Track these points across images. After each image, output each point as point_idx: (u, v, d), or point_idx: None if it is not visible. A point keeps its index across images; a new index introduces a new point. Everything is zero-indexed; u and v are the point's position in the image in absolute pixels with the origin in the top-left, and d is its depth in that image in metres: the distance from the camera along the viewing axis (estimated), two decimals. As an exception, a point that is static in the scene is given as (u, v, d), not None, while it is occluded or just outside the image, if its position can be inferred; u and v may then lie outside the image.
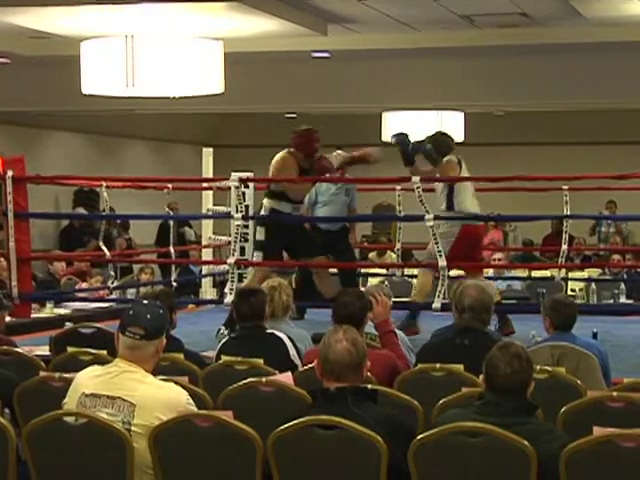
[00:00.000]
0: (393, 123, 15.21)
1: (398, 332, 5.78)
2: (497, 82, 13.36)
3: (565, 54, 12.69)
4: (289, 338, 5.57)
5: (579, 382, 4.89)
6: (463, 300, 5.33)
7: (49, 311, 8.90)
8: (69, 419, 4.07)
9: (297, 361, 5.47)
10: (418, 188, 7.69)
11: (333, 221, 9.00)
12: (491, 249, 14.48)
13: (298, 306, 8.12)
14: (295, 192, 8.12)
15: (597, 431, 3.70)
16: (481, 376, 3.99)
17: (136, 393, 4.02)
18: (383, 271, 10.86)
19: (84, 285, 10.75)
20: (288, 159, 8.15)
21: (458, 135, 15.37)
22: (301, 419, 3.87)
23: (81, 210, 16.03)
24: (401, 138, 8.33)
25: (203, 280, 10.93)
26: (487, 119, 17.53)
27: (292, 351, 5.50)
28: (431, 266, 7.89)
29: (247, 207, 8.70)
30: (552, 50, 12.59)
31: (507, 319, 7.78)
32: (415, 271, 11.38)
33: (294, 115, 18.06)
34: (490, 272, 11.05)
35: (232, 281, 7.98)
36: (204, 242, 10.96)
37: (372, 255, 14.09)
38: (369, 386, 4.13)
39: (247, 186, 8.95)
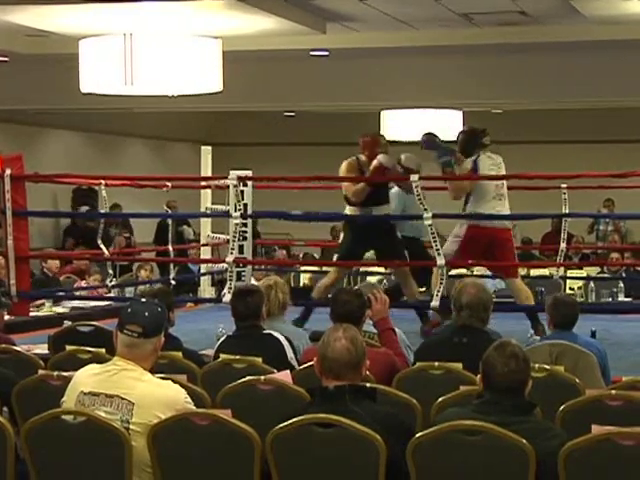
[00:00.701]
0: (392, 121, 15.21)
1: (397, 330, 5.78)
2: (496, 80, 13.36)
3: (564, 52, 12.69)
4: (286, 339, 5.57)
5: (578, 380, 4.89)
6: (461, 298, 5.33)
7: (48, 309, 8.90)
8: (67, 417, 4.07)
9: (294, 362, 5.46)
10: (417, 187, 7.68)
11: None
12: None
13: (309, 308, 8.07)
14: (352, 195, 8.05)
15: (596, 429, 3.70)
16: (478, 376, 3.99)
17: (134, 391, 4.02)
18: (382, 269, 10.85)
19: (83, 284, 10.75)
20: (350, 164, 8.13)
21: (456, 133, 15.38)
22: (299, 417, 3.87)
23: (84, 209, 16.03)
24: (430, 142, 8.12)
25: (202, 278, 10.92)
26: (485, 117, 17.44)
27: (289, 353, 5.50)
28: (431, 264, 7.89)
29: (245, 205, 8.70)
30: (551, 48, 12.58)
31: (539, 321, 7.66)
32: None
33: (293, 113, 18.06)
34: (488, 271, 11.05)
35: (231, 279, 7.97)
36: (203, 241, 10.94)
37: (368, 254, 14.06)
38: (368, 384, 4.13)
39: (245, 184, 8.95)
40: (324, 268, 10.64)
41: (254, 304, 5.66)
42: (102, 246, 9.71)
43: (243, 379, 4.78)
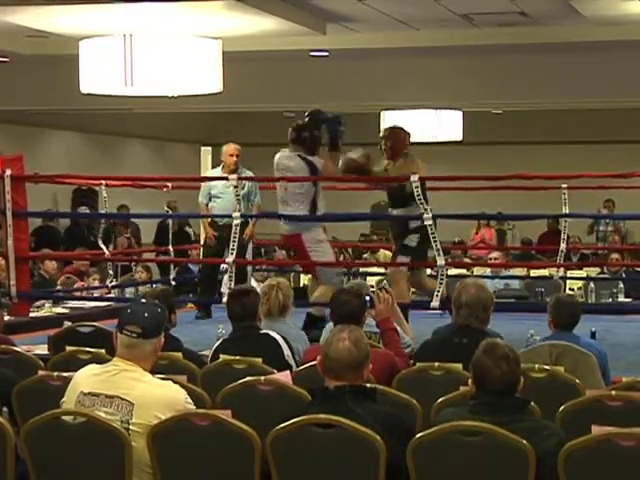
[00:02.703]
0: (392, 122, 15.20)
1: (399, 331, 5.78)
2: (496, 81, 13.37)
3: (564, 53, 12.70)
4: (283, 338, 5.56)
5: (578, 381, 4.88)
6: (461, 297, 5.33)
7: (48, 310, 8.89)
8: (67, 418, 4.07)
9: (292, 361, 5.47)
10: (417, 187, 7.66)
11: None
12: (484, 248, 14.52)
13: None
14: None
15: (596, 430, 3.70)
16: (469, 379, 3.99)
17: (134, 392, 4.02)
18: (382, 270, 10.84)
19: (82, 284, 10.73)
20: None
21: (456, 134, 15.40)
22: (299, 418, 3.87)
23: (84, 209, 16.03)
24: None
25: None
26: (485, 118, 17.52)
27: (287, 351, 5.50)
28: (430, 265, 7.89)
29: (246, 206, 8.68)
30: (551, 49, 12.59)
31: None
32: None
33: (293, 114, 18.04)
34: (487, 271, 11.05)
35: (230, 280, 7.96)
36: (202, 241, 10.93)
37: (366, 255, 14.10)
38: (368, 385, 4.13)
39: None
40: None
41: (250, 304, 5.65)
42: (103, 246, 9.70)
43: (243, 379, 4.77)
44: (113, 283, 9.86)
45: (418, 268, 7.98)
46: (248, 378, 4.78)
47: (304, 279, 12.19)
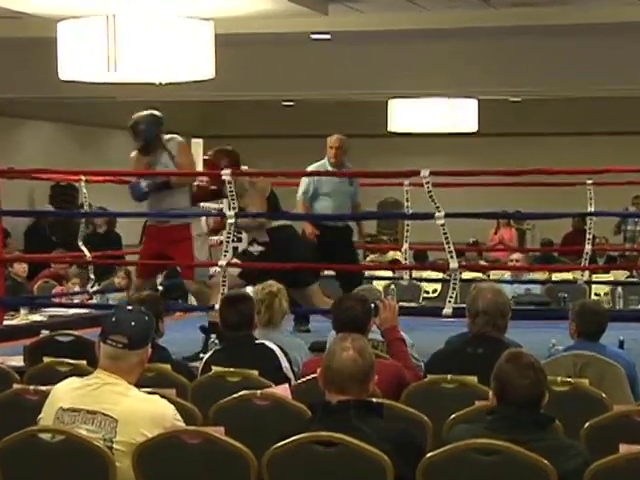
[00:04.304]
0: (400, 111, 15.24)
1: (407, 339, 5.78)
2: (513, 66, 13.37)
3: (588, 36, 12.69)
4: (280, 349, 5.57)
5: (604, 395, 4.89)
6: (477, 303, 5.33)
7: (23, 318, 8.90)
8: (45, 436, 4.07)
9: (290, 374, 5.47)
10: (428, 183, 7.68)
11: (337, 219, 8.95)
12: (501, 249, 14.53)
13: None
14: None
15: (624, 448, 3.70)
16: (490, 391, 3.99)
17: (118, 407, 4.02)
18: (389, 274, 10.86)
19: (61, 289, 10.74)
20: None
21: (471, 124, 15.41)
22: (299, 435, 3.87)
23: (49, 208, 16.10)
24: None
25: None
26: (502, 106, 17.53)
27: (284, 363, 5.51)
28: (441, 267, 7.91)
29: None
30: (574, 31, 12.58)
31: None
32: (425, 274, 11.45)
33: (292, 103, 18.08)
34: (507, 275, 11.06)
35: (224, 285, 7.97)
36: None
37: (373, 257, 14.11)
38: (374, 399, 4.13)
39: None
40: (326, 272, 10.62)
41: (247, 312, 5.66)
42: (84, 248, 9.71)
43: (237, 393, 4.78)
44: (95, 288, 9.86)
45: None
46: (243, 392, 4.79)
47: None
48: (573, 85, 13.81)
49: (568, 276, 11.30)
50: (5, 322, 8.68)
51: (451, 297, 7.67)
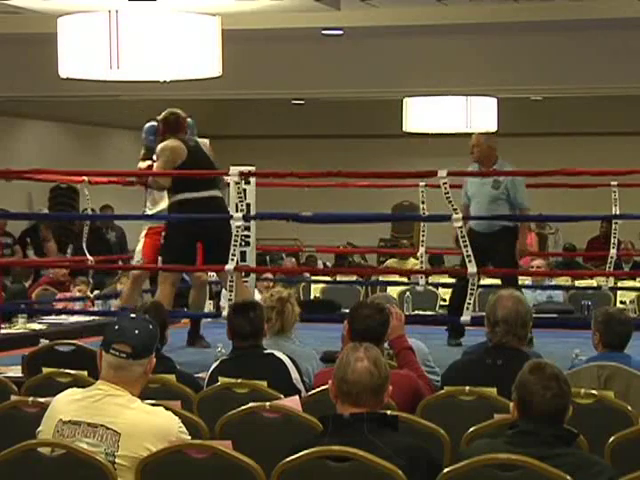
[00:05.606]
0: (416, 110, 15.21)
1: (418, 345, 5.77)
2: (535, 63, 13.34)
3: (615, 31, 12.64)
4: (291, 359, 5.57)
5: (630, 408, 4.88)
6: (496, 311, 5.32)
7: (21, 326, 8.91)
8: (44, 450, 4.08)
9: (300, 385, 5.48)
10: (445, 184, 7.68)
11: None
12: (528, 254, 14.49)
13: None
14: None
15: (651, 464, 3.69)
16: (511, 404, 3.99)
17: (121, 420, 4.03)
18: (404, 279, 10.85)
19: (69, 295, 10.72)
20: None
21: (490, 124, 15.38)
22: (310, 450, 3.87)
23: (45, 210, 16.16)
24: None
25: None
26: (523, 105, 17.52)
27: (294, 374, 5.51)
28: (461, 273, 7.90)
29: (248, 206, 8.71)
30: (600, 26, 12.54)
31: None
32: (441, 280, 11.43)
33: (302, 101, 18.08)
34: (528, 281, 11.04)
35: (231, 291, 7.97)
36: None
37: (391, 262, 14.10)
38: (388, 412, 4.13)
39: (248, 182, 8.95)
40: (338, 277, 10.67)
41: (257, 320, 5.66)
42: (86, 252, 9.72)
43: (245, 406, 4.78)
44: (95, 294, 9.88)
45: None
46: (251, 404, 4.80)
47: (315, 289, 12.22)
48: (598, 83, 13.77)
49: (592, 282, 11.28)
50: (2, 331, 8.69)
51: (469, 304, 7.66)
